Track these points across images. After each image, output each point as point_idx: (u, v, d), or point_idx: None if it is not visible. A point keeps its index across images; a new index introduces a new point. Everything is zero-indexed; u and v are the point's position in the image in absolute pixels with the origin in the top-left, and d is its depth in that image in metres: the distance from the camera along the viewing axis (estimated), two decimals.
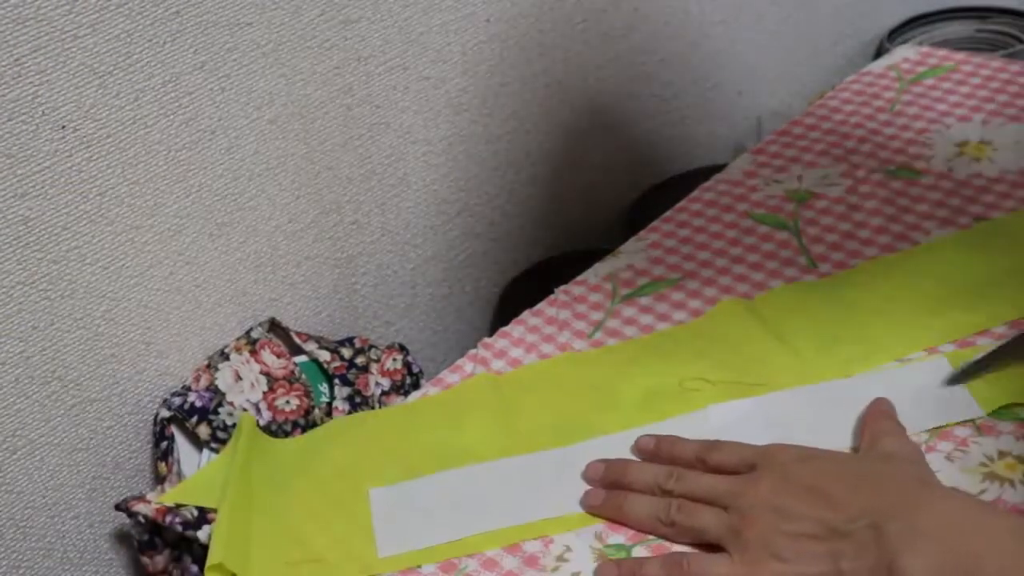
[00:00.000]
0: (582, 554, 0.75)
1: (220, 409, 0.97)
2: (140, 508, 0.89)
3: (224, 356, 1.01)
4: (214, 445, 0.96)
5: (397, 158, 1.14)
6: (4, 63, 0.83)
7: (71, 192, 0.89)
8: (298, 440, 0.93)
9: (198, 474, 0.90)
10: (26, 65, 0.84)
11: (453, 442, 0.84)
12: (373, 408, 1.01)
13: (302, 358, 1.03)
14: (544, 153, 1.30)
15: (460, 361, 0.93)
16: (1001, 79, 1.12)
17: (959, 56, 1.17)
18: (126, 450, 0.99)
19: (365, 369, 1.03)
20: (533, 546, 0.76)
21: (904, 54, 1.19)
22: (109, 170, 0.91)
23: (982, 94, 1.10)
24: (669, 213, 1.04)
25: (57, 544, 0.96)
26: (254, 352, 1.01)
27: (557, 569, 0.74)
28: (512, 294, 1.29)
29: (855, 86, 1.16)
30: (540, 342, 0.92)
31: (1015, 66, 1.14)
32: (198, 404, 0.97)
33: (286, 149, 1.03)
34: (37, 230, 0.88)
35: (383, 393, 1.02)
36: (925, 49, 1.19)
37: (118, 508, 0.92)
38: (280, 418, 0.98)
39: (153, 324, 0.98)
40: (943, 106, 1.10)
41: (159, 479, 0.96)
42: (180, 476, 0.95)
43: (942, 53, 1.18)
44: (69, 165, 0.88)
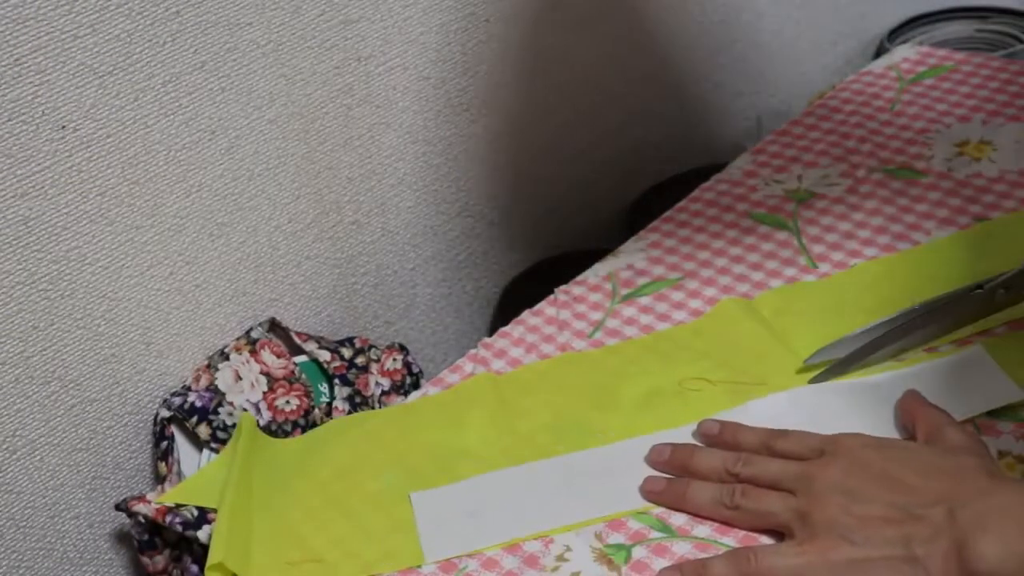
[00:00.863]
0: (582, 554, 0.75)
1: (220, 409, 0.97)
2: (140, 508, 0.89)
3: (224, 356, 1.01)
4: (214, 445, 0.96)
5: (397, 158, 1.14)
6: (4, 63, 0.83)
7: (71, 192, 0.89)
8: (298, 440, 0.93)
9: (198, 474, 0.90)
10: (26, 65, 0.84)
11: (453, 443, 0.84)
12: (373, 408, 1.01)
13: (302, 358, 1.03)
14: (544, 153, 1.30)
15: (460, 361, 0.93)
16: (1001, 79, 1.12)
17: (959, 56, 1.17)
18: (126, 450, 0.99)
19: (365, 369, 1.03)
20: (533, 546, 0.76)
21: (904, 54, 1.19)
22: (109, 170, 0.91)
23: (982, 94, 1.10)
24: (669, 213, 1.04)
25: (57, 544, 0.96)
26: (254, 352, 1.01)
27: (557, 569, 0.74)
28: (512, 294, 1.29)
29: (855, 86, 1.16)
30: (540, 342, 0.92)
31: (1015, 66, 1.14)
32: (198, 404, 0.97)
33: (286, 149, 1.03)
34: (37, 230, 0.88)
35: (383, 393, 1.02)
36: (925, 49, 1.19)
37: (118, 508, 0.92)
38: (280, 418, 0.98)
39: (153, 324, 0.98)
40: (943, 106, 1.10)
41: (159, 479, 0.96)
42: (180, 476, 0.95)
43: (942, 53, 1.18)
44: (69, 165, 0.88)
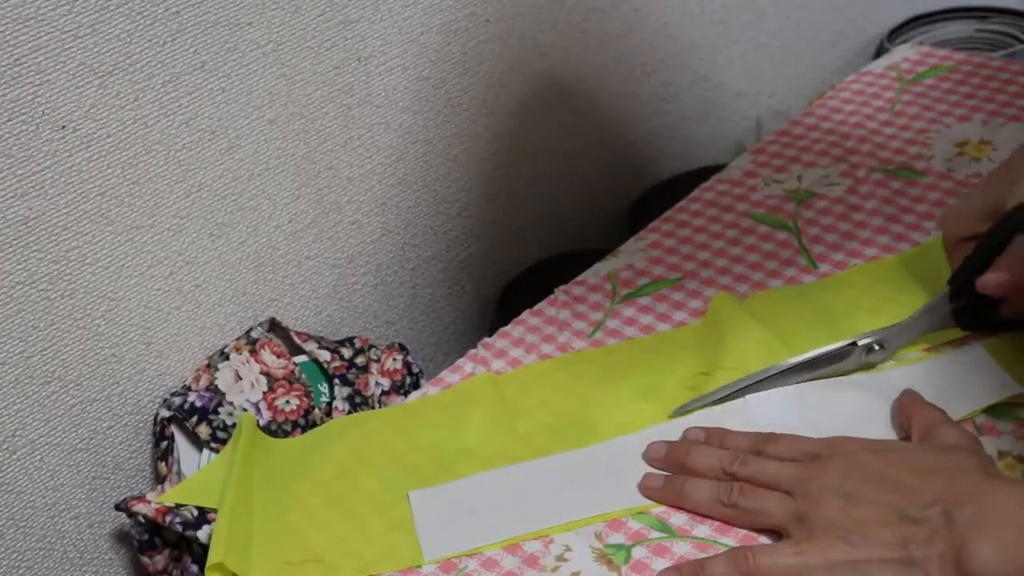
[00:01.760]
0: (582, 554, 0.75)
1: (220, 409, 0.97)
2: (140, 508, 0.89)
3: (224, 356, 1.01)
4: (214, 445, 0.96)
5: (397, 158, 1.14)
6: (4, 63, 0.83)
7: (71, 192, 0.89)
8: (298, 440, 0.93)
9: (198, 474, 0.90)
10: (26, 65, 0.84)
11: (453, 442, 0.84)
12: (373, 408, 1.01)
13: (302, 358, 1.03)
14: (544, 153, 1.30)
15: (460, 361, 0.93)
16: (1001, 79, 1.12)
17: (959, 56, 1.17)
18: (126, 450, 0.99)
19: (365, 369, 1.03)
20: (533, 546, 0.76)
21: (904, 54, 1.19)
22: (109, 170, 0.91)
23: (982, 94, 1.10)
24: (669, 213, 1.04)
25: (57, 544, 0.96)
26: (254, 352, 1.01)
27: (557, 569, 0.74)
28: (512, 294, 1.29)
29: (855, 86, 1.16)
30: (540, 342, 0.92)
31: (1015, 66, 1.14)
32: (198, 404, 0.97)
33: (286, 149, 1.03)
34: (37, 230, 0.88)
35: (383, 393, 1.02)
36: (925, 49, 1.19)
37: (118, 508, 0.92)
38: (280, 418, 0.98)
39: (153, 324, 0.98)
40: (943, 106, 1.10)
41: (159, 479, 0.96)
42: (180, 476, 0.95)
43: (942, 53, 1.18)
44: (69, 165, 0.88)
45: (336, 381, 1.01)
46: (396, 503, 0.81)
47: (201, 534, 0.87)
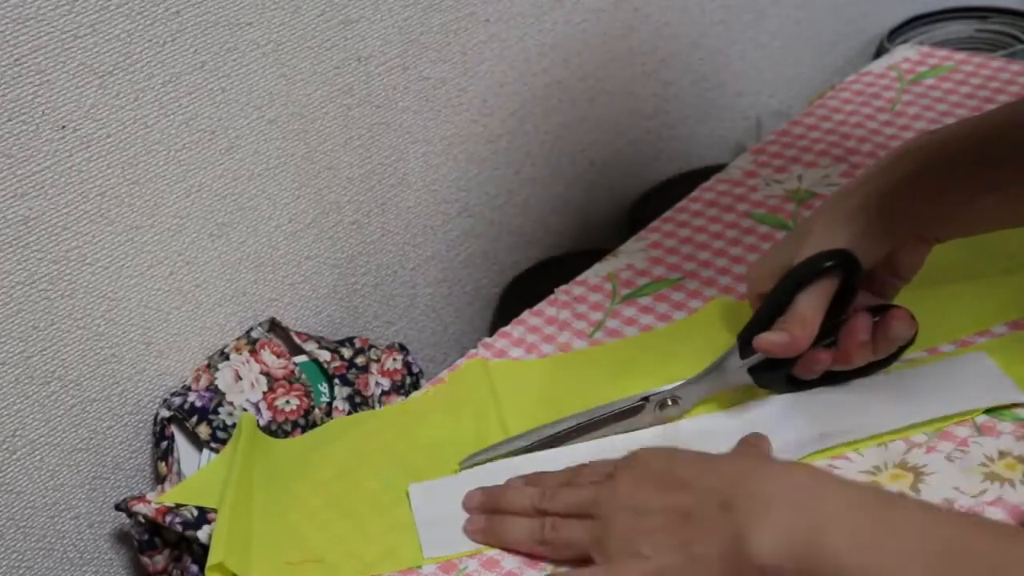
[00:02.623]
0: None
1: (220, 409, 0.97)
2: (140, 508, 0.89)
3: (224, 356, 1.01)
4: (214, 445, 0.96)
5: (397, 158, 1.14)
6: (4, 63, 0.83)
7: (71, 192, 0.89)
8: (298, 440, 0.93)
9: (198, 474, 0.90)
10: (26, 65, 0.84)
11: (451, 441, 0.84)
12: (373, 408, 1.01)
13: (302, 358, 1.03)
14: (544, 153, 1.30)
15: (460, 361, 0.93)
16: (1001, 79, 1.12)
17: (959, 56, 1.17)
18: (126, 450, 0.99)
19: (365, 369, 1.03)
20: None
21: (904, 54, 1.19)
22: (109, 170, 0.91)
23: (982, 94, 1.10)
24: (669, 213, 1.04)
25: (57, 544, 0.96)
26: (254, 352, 1.01)
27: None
28: (512, 294, 1.29)
29: (855, 86, 1.16)
30: (540, 342, 0.92)
31: (1015, 66, 1.14)
32: (198, 404, 0.97)
33: (286, 149, 1.03)
34: (37, 230, 0.88)
35: (383, 393, 1.02)
36: (925, 49, 1.19)
37: (118, 508, 0.92)
38: (280, 418, 0.98)
39: (153, 324, 0.98)
40: (943, 106, 1.10)
41: (159, 479, 0.96)
42: (180, 476, 0.95)
43: (942, 53, 1.18)
44: (69, 165, 0.88)
45: (336, 381, 1.01)
46: (396, 503, 0.81)
47: (201, 534, 0.87)
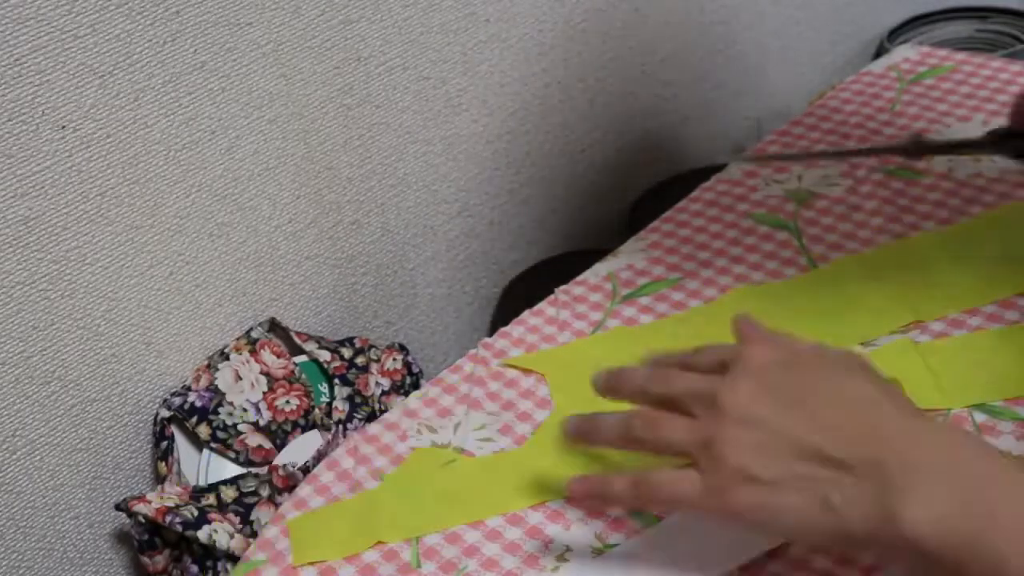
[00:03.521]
0: (582, 554, 0.75)
1: (220, 409, 0.97)
2: (140, 508, 0.89)
3: (224, 356, 1.01)
4: (214, 445, 0.96)
5: (397, 158, 1.14)
6: (4, 63, 0.83)
7: (71, 192, 0.89)
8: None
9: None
10: (26, 65, 0.84)
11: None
12: (372, 408, 1.01)
13: (302, 358, 1.03)
14: (544, 153, 1.30)
15: (460, 361, 0.92)
16: (1001, 79, 1.12)
17: (959, 56, 1.17)
18: (126, 450, 0.99)
19: (365, 369, 1.03)
20: (533, 546, 0.76)
21: (904, 54, 1.19)
22: (109, 170, 0.91)
23: (982, 94, 1.10)
24: (669, 213, 1.04)
25: (57, 544, 0.96)
26: (254, 352, 1.01)
27: (557, 569, 0.74)
28: (512, 294, 1.29)
29: (855, 86, 1.16)
30: (540, 342, 0.92)
31: (1015, 66, 1.14)
32: (198, 404, 0.97)
33: (286, 149, 1.03)
34: (37, 230, 0.88)
35: (383, 393, 1.02)
36: (925, 49, 1.19)
37: (118, 508, 0.92)
38: (280, 418, 0.98)
39: (153, 324, 0.98)
40: (943, 106, 1.10)
41: (159, 479, 0.96)
42: (180, 476, 0.95)
43: (942, 53, 1.18)
44: (69, 165, 0.88)
45: (336, 381, 1.01)
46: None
47: (201, 534, 0.87)
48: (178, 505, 0.89)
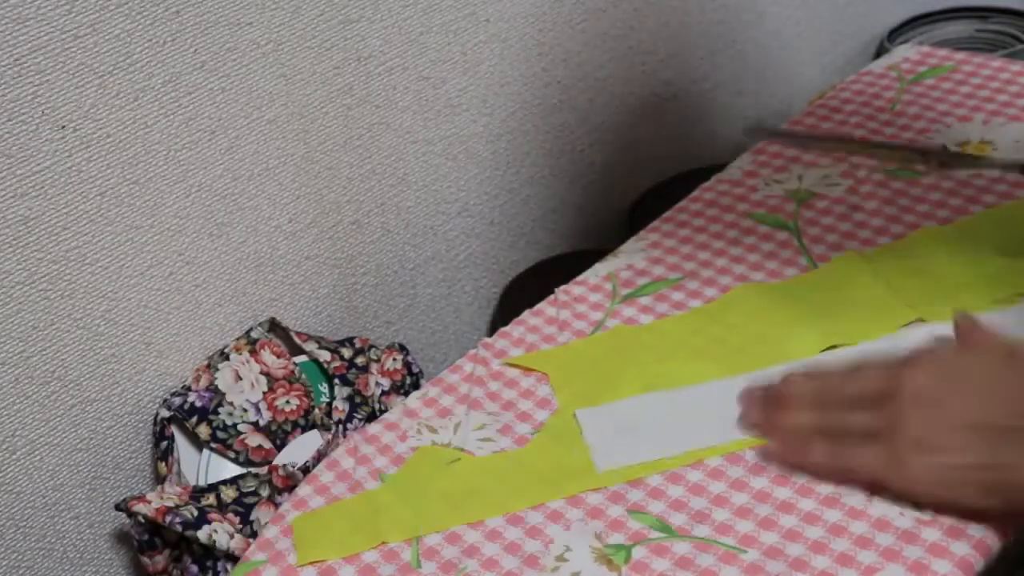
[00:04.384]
0: (582, 554, 0.75)
1: (220, 409, 0.97)
2: (140, 508, 0.89)
3: (224, 356, 1.01)
4: (214, 445, 0.96)
5: (397, 158, 1.14)
6: (4, 63, 0.83)
7: (71, 192, 0.89)
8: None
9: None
10: (26, 65, 0.84)
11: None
12: (372, 408, 1.01)
13: (302, 358, 1.04)
14: (544, 153, 1.30)
15: (460, 361, 0.93)
16: (1001, 79, 1.12)
17: (959, 56, 1.17)
18: (126, 450, 0.99)
19: (365, 369, 1.03)
20: (533, 546, 0.76)
21: (904, 54, 1.19)
22: (109, 170, 0.91)
23: (982, 94, 1.10)
24: (669, 213, 1.04)
25: (57, 544, 0.96)
26: (254, 352, 1.01)
27: (557, 569, 0.74)
28: (512, 294, 1.29)
29: (855, 86, 1.16)
30: (540, 342, 0.92)
31: (1015, 66, 1.14)
32: (198, 404, 0.97)
33: (286, 149, 1.03)
34: (37, 230, 0.88)
35: (383, 393, 1.02)
36: (925, 49, 1.19)
37: (118, 508, 0.92)
38: (280, 418, 0.98)
39: (153, 324, 0.98)
40: (943, 106, 1.10)
41: (159, 479, 0.96)
42: (180, 476, 0.95)
43: (942, 53, 1.18)
44: (69, 165, 0.88)
45: (336, 381, 1.01)
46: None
47: (201, 534, 0.87)
48: (178, 505, 0.89)
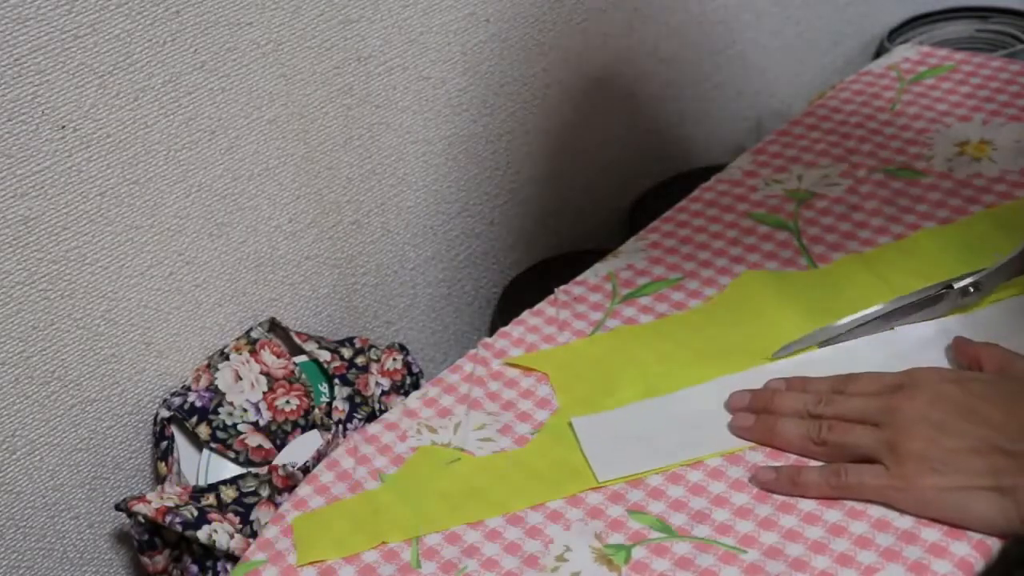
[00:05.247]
0: (582, 554, 0.75)
1: (220, 409, 0.97)
2: (140, 508, 0.89)
3: (224, 356, 1.01)
4: (214, 445, 0.96)
5: (397, 158, 1.14)
6: (4, 63, 0.83)
7: (71, 192, 0.89)
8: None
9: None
10: (26, 65, 0.84)
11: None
12: (372, 408, 1.01)
13: (302, 358, 1.03)
14: (544, 153, 1.30)
15: (460, 361, 0.93)
16: (1001, 79, 1.12)
17: (959, 56, 1.17)
18: (126, 450, 0.99)
19: (365, 369, 1.03)
20: (533, 546, 0.76)
21: (904, 54, 1.19)
22: (109, 170, 0.91)
23: (982, 94, 1.10)
24: (669, 213, 1.04)
25: (57, 544, 0.96)
26: (254, 352, 1.01)
27: (557, 569, 0.74)
28: (512, 294, 1.29)
29: (855, 86, 1.16)
30: (540, 342, 0.92)
31: (1015, 66, 1.14)
32: (198, 404, 0.97)
33: (286, 149, 1.03)
34: (37, 230, 0.88)
35: (383, 393, 1.02)
36: (925, 49, 1.19)
37: (118, 508, 0.92)
38: (280, 418, 0.98)
39: (153, 324, 0.98)
40: (943, 106, 1.10)
41: (159, 479, 0.96)
42: (180, 476, 0.95)
43: (942, 53, 1.18)
44: (69, 165, 0.88)
45: (336, 381, 1.01)
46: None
47: (201, 534, 0.87)
48: (178, 505, 0.89)
